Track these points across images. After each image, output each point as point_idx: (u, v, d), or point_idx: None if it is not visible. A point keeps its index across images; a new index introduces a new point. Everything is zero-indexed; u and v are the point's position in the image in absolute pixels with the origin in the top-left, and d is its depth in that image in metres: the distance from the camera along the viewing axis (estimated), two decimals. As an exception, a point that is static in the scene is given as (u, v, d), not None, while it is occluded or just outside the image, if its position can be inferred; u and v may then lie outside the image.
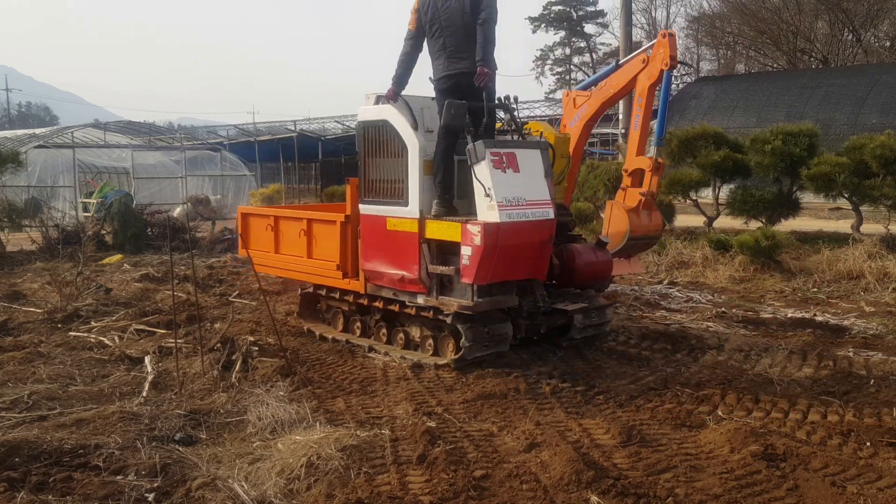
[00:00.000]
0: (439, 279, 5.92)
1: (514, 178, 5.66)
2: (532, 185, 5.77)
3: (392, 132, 6.13)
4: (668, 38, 7.29)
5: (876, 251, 10.44)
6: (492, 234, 5.42)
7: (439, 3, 5.91)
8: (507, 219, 5.48)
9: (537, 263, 5.95)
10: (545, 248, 5.92)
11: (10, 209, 14.69)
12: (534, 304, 6.14)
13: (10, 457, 4.09)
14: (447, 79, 5.98)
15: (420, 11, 6.06)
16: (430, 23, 5.99)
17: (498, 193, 5.48)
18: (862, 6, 34.26)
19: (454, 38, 5.88)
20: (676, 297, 9.52)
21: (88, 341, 6.96)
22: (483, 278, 5.56)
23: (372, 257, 6.39)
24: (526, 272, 5.93)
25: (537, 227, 5.74)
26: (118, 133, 28.40)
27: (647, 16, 48.50)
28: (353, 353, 6.54)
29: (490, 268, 5.53)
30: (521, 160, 5.78)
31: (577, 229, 12.91)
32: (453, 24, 5.86)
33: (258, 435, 4.54)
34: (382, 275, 6.30)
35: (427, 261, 5.93)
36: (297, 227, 7.23)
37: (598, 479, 3.76)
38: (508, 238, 5.51)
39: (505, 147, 5.75)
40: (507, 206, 5.51)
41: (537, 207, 5.74)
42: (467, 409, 5.03)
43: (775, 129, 12.47)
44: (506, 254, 5.57)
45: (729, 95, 28.16)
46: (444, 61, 5.97)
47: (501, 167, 5.60)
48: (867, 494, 3.67)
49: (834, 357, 6.21)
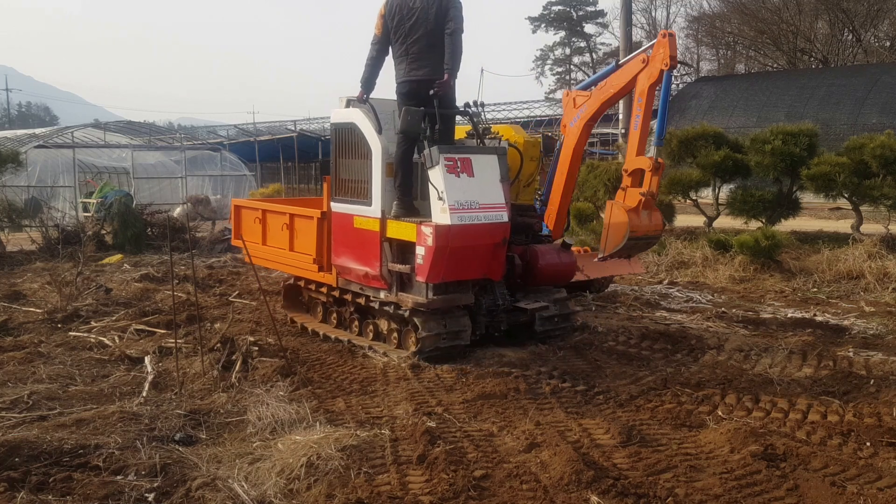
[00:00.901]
0: (399, 276, 6.20)
1: (467, 183, 5.88)
2: (486, 189, 5.98)
3: (359, 135, 6.38)
4: (667, 38, 7.28)
5: (876, 251, 10.44)
6: (443, 235, 5.66)
7: (405, 10, 6.08)
8: (459, 221, 5.72)
9: (491, 264, 6.16)
10: (499, 250, 6.12)
11: (10, 209, 14.68)
12: (494, 302, 6.43)
13: (10, 457, 4.09)
14: (407, 84, 6.17)
15: (386, 17, 6.22)
16: (395, 29, 6.16)
17: (450, 197, 5.72)
18: (862, 6, 34.27)
19: (417, 45, 6.07)
20: (676, 297, 9.52)
21: (88, 341, 6.96)
22: (435, 277, 5.80)
23: (341, 253, 6.72)
24: (480, 272, 6.16)
25: (490, 230, 5.96)
26: (118, 133, 28.41)
27: (647, 16, 48.54)
28: (352, 353, 6.54)
29: (442, 267, 5.77)
30: (477, 165, 5.98)
31: (577, 229, 12.95)
32: (418, 31, 6.04)
33: (258, 435, 4.54)
34: (350, 270, 6.62)
35: (387, 259, 6.22)
36: (280, 220, 7.57)
37: (598, 479, 3.76)
38: (460, 239, 5.74)
39: (460, 152, 5.97)
40: (459, 209, 5.75)
41: (491, 211, 5.96)
42: (467, 409, 5.03)
43: (775, 129, 12.46)
44: (458, 254, 5.80)
45: (729, 95, 28.17)
46: (405, 67, 6.16)
47: (455, 172, 5.82)
48: (867, 494, 3.67)
49: (834, 357, 6.21)
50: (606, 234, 7.66)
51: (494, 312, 6.47)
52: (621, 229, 7.46)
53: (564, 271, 6.93)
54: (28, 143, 22.88)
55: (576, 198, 13.12)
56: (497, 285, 6.50)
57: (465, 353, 6.29)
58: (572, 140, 8.78)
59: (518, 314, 6.57)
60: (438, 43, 5.99)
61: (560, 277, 6.95)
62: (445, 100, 6.08)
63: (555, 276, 6.84)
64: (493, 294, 6.47)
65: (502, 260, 6.28)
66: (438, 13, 5.95)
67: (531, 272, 6.67)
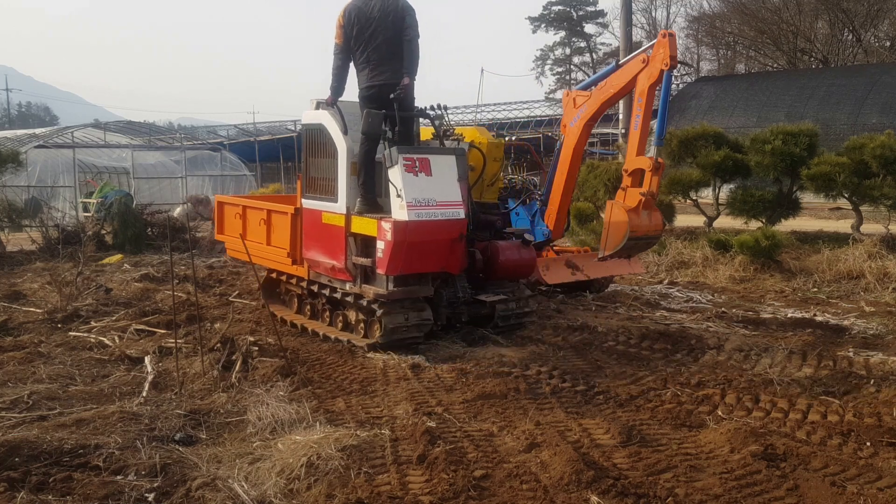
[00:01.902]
0: (363, 269, 6.55)
1: (426, 181, 6.21)
2: (444, 188, 6.32)
3: (326, 135, 6.77)
4: (668, 38, 7.28)
5: (876, 251, 10.44)
6: (401, 230, 6.01)
7: (363, 20, 6.42)
8: (416, 217, 6.06)
9: (449, 258, 6.50)
10: (456, 245, 6.45)
11: (10, 209, 14.68)
12: (454, 294, 6.80)
13: (10, 457, 4.09)
14: (369, 88, 6.53)
15: (345, 26, 6.54)
16: (355, 38, 6.50)
17: (408, 194, 6.05)
18: (862, 6, 34.27)
19: (377, 52, 6.43)
20: (676, 297, 9.52)
21: (88, 341, 6.96)
22: (394, 270, 6.16)
23: (311, 247, 7.09)
24: (438, 266, 6.50)
25: (447, 226, 6.29)
26: (118, 133, 28.43)
27: (647, 16, 48.56)
28: (352, 353, 6.54)
29: (401, 261, 6.12)
30: (435, 165, 6.32)
31: (577, 229, 12.95)
32: (377, 39, 6.40)
33: (258, 435, 4.54)
34: (319, 263, 7.00)
35: (352, 252, 6.58)
36: (258, 216, 7.91)
37: (598, 479, 3.76)
38: (417, 235, 6.08)
39: (419, 153, 6.32)
40: (417, 206, 6.09)
41: (448, 208, 6.30)
42: (467, 409, 5.02)
43: (775, 129, 12.46)
44: (415, 249, 6.15)
45: (729, 95, 28.18)
46: (367, 73, 6.52)
47: (413, 171, 6.17)
48: (867, 494, 3.67)
49: (834, 357, 6.21)
50: (606, 234, 7.66)
51: (455, 304, 6.82)
52: (621, 229, 7.46)
53: (524, 266, 7.23)
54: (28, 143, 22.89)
55: (576, 198, 13.11)
56: (458, 278, 6.83)
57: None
58: (572, 140, 8.78)
59: (479, 306, 6.92)
60: (397, 50, 6.38)
61: (520, 272, 7.26)
62: (405, 103, 6.41)
63: (515, 270, 7.15)
64: (454, 287, 6.81)
65: (460, 254, 6.59)
66: (395, 22, 6.33)
67: (492, 267, 6.97)
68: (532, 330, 7.28)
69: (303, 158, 7.22)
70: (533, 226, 9.56)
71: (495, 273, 7.01)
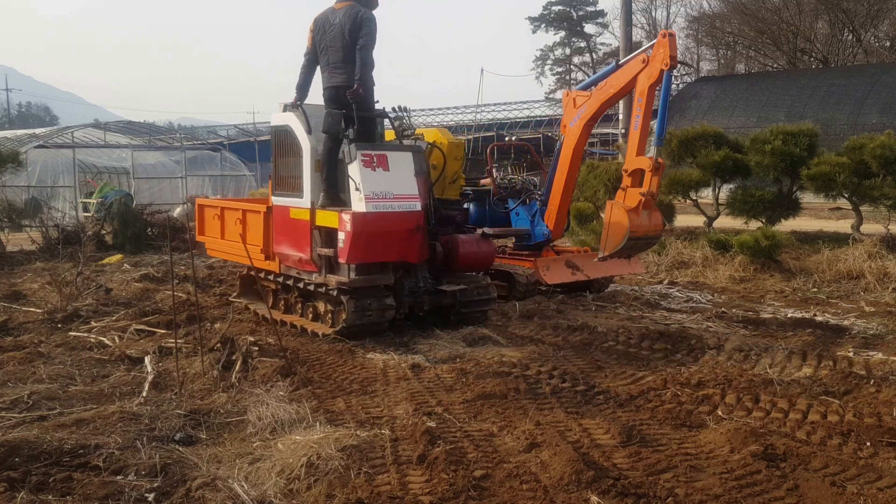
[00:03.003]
0: (327, 260, 6.95)
1: (383, 176, 6.68)
2: (401, 182, 6.79)
3: (292, 135, 7.23)
4: (668, 38, 7.28)
5: (876, 251, 10.44)
6: (359, 221, 6.47)
7: (326, 26, 6.96)
8: (374, 209, 6.53)
9: (407, 248, 6.92)
10: (413, 235, 6.89)
11: (10, 209, 14.68)
12: (416, 284, 7.24)
13: (10, 457, 4.09)
14: (328, 90, 7.04)
15: (314, 32, 7.10)
16: (319, 42, 7.03)
17: (366, 188, 6.52)
18: (862, 6, 34.27)
19: (334, 56, 6.91)
20: (676, 297, 9.52)
21: (88, 341, 6.96)
22: (354, 258, 6.58)
23: (281, 242, 7.52)
24: (396, 255, 6.92)
25: (403, 218, 6.76)
26: (118, 133, 28.42)
27: (647, 16, 48.55)
28: (352, 353, 6.54)
29: (360, 250, 6.55)
30: (392, 161, 6.81)
31: (577, 229, 12.95)
32: (334, 44, 6.89)
33: (258, 435, 4.54)
34: (288, 256, 7.42)
35: (317, 244, 7.00)
36: (235, 216, 8.34)
37: (598, 479, 3.76)
38: (375, 225, 6.55)
39: (377, 149, 6.80)
40: (374, 198, 6.55)
41: (404, 201, 6.77)
42: (467, 409, 5.02)
43: (775, 129, 12.45)
44: (374, 238, 6.59)
45: (729, 95, 28.18)
46: (327, 75, 7.02)
47: (371, 166, 6.65)
48: (867, 494, 3.67)
49: (834, 357, 6.21)
50: (606, 235, 7.67)
51: (417, 294, 7.25)
52: (621, 229, 7.46)
53: (484, 258, 7.70)
54: (28, 143, 22.89)
55: (576, 198, 13.11)
56: (419, 269, 7.26)
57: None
58: (572, 140, 8.79)
59: (440, 296, 7.36)
60: (351, 55, 6.83)
61: (480, 264, 7.74)
62: (364, 104, 6.87)
63: (475, 262, 7.62)
64: (416, 277, 7.25)
65: (417, 244, 6.99)
66: (352, 29, 6.79)
67: (453, 259, 7.41)
68: (532, 330, 7.29)
69: (272, 158, 7.70)
70: (533, 226, 9.58)
71: (456, 265, 7.45)
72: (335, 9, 6.99)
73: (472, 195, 10.05)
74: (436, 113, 42.36)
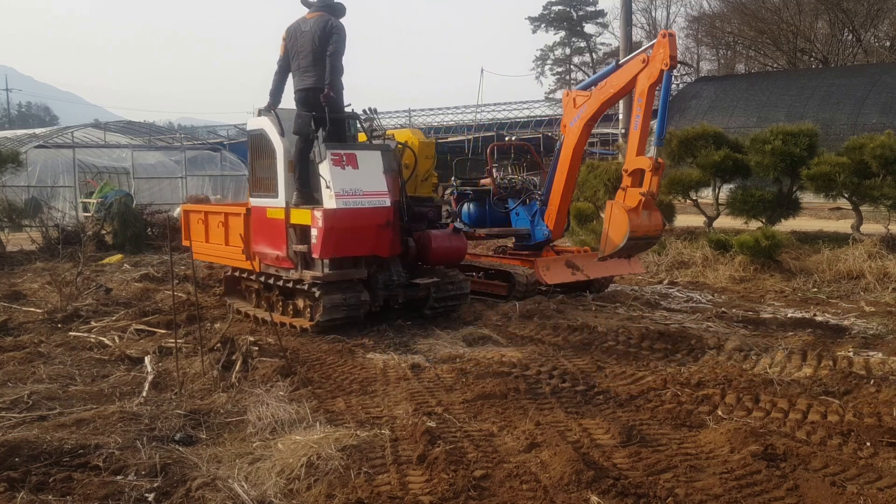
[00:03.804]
0: (302, 256, 7.20)
1: (352, 174, 6.99)
2: (370, 180, 7.11)
3: (267, 139, 7.53)
4: (667, 38, 7.28)
5: (876, 251, 10.44)
6: (330, 217, 6.75)
7: (297, 34, 7.32)
8: (344, 205, 6.83)
9: (378, 242, 7.23)
10: (383, 230, 7.20)
11: (10, 209, 14.69)
12: (389, 278, 7.54)
13: (10, 457, 4.09)
14: (298, 92, 7.38)
15: (286, 40, 7.46)
16: (290, 49, 7.41)
17: (336, 185, 6.82)
18: (862, 6, 34.27)
19: (305, 60, 7.26)
20: (676, 297, 9.52)
21: (88, 341, 6.97)
22: (327, 253, 6.87)
23: (259, 241, 7.76)
24: (368, 249, 7.22)
25: (373, 213, 7.07)
26: (118, 133, 28.40)
27: (647, 16, 48.54)
28: (352, 353, 6.54)
29: (332, 245, 6.83)
30: (361, 159, 7.10)
31: (577, 229, 12.95)
32: (304, 50, 7.25)
33: (258, 435, 4.54)
34: (266, 255, 7.67)
35: (292, 241, 7.25)
36: (217, 220, 8.58)
37: (598, 479, 3.76)
38: (345, 221, 6.85)
39: (346, 149, 7.08)
40: (344, 195, 6.86)
41: (374, 197, 7.09)
42: (467, 409, 5.02)
43: (775, 129, 12.46)
44: (345, 234, 6.87)
45: (729, 95, 28.18)
46: (297, 78, 7.37)
47: (341, 165, 6.93)
48: (867, 494, 3.67)
49: (834, 357, 6.20)
50: (606, 235, 7.67)
51: (391, 287, 7.54)
52: (621, 229, 7.47)
53: (456, 252, 8.00)
54: (28, 143, 22.87)
55: (576, 198, 13.11)
56: (392, 263, 7.58)
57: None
58: (572, 140, 8.79)
59: (414, 289, 7.66)
60: (321, 59, 7.16)
61: (452, 258, 8.03)
62: (334, 106, 7.18)
63: (447, 256, 7.92)
64: (389, 271, 7.55)
65: (388, 239, 7.30)
66: (322, 36, 7.14)
67: (426, 253, 7.73)
68: (532, 330, 7.29)
69: (249, 161, 8.07)
70: (533, 226, 9.58)
71: (429, 259, 7.77)
72: (306, 18, 7.38)
73: (472, 195, 10.06)
74: (436, 113, 42.34)
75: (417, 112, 42.05)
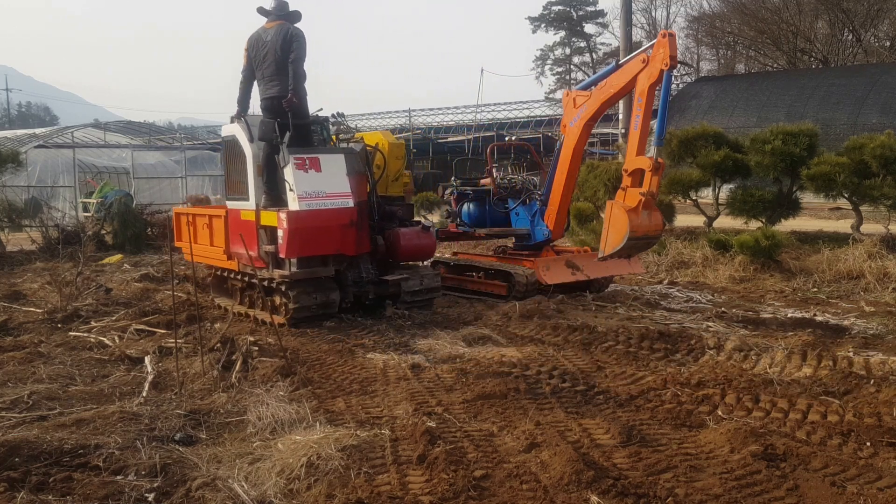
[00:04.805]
0: (273, 256, 7.50)
1: (315, 177, 7.28)
2: (333, 182, 7.40)
3: (238, 144, 7.88)
4: (667, 38, 7.28)
5: (876, 251, 10.43)
6: (293, 219, 7.07)
7: (259, 44, 7.52)
8: (307, 207, 7.15)
9: (342, 241, 7.50)
10: (347, 230, 7.48)
11: (10, 209, 14.69)
12: (358, 275, 7.83)
13: (10, 457, 4.09)
14: (264, 101, 7.62)
15: (249, 51, 7.66)
16: (254, 59, 7.61)
17: (299, 188, 7.14)
18: (862, 6, 34.27)
19: (268, 70, 7.48)
20: (676, 297, 9.52)
21: (88, 341, 6.97)
22: (292, 253, 7.18)
23: (235, 242, 8.03)
24: (333, 248, 7.49)
25: (336, 214, 7.36)
26: (118, 133, 28.42)
27: (647, 16, 48.55)
28: (352, 353, 6.54)
29: (296, 245, 7.14)
30: (324, 163, 7.39)
31: (577, 229, 12.94)
32: (267, 60, 7.46)
33: (258, 435, 4.54)
34: (241, 255, 7.88)
35: (263, 242, 7.58)
36: (203, 221, 8.89)
37: (598, 479, 3.76)
38: (309, 222, 7.15)
39: (309, 153, 7.36)
40: (307, 197, 7.17)
41: (337, 198, 7.39)
42: (467, 409, 5.02)
43: (775, 129, 12.46)
44: (309, 234, 7.17)
45: (729, 95, 28.18)
46: (262, 87, 7.61)
47: (304, 168, 7.23)
48: (867, 494, 3.67)
49: (834, 357, 6.20)
50: (606, 235, 7.67)
51: (360, 284, 7.85)
52: (621, 229, 7.46)
53: (424, 249, 8.28)
54: (28, 143, 22.89)
55: (576, 198, 13.11)
56: (362, 261, 7.87)
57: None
58: (572, 140, 8.79)
59: (384, 286, 7.93)
60: (283, 69, 7.36)
61: (421, 254, 8.34)
62: (297, 112, 7.40)
63: (416, 253, 8.21)
64: (359, 268, 7.84)
65: (353, 238, 7.56)
66: (283, 45, 7.33)
67: (395, 251, 8.01)
68: (532, 330, 7.29)
69: (224, 166, 8.40)
70: (533, 226, 9.58)
71: (398, 256, 8.05)
72: (266, 28, 7.56)
73: (472, 195, 10.06)
74: (436, 113, 42.35)
75: (417, 112, 42.07)
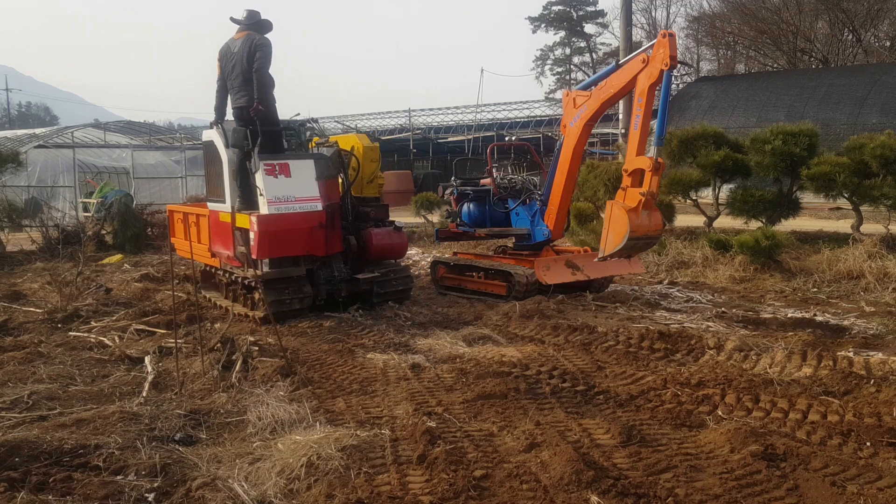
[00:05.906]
0: (246, 255, 7.76)
1: (285, 182, 7.63)
2: (302, 186, 7.73)
3: (215, 149, 8.19)
4: (667, 38, 7.28)
5: (876, 251, 10.43)
6: (263, 222, 7.44)
7: (228, 55, 7.82)
8: (276, 211, 7.51)
9: (312, 243, 7.83)
10: (316, 232, 7.79)
11: (10, 209, 14.69)
12: (331, 273, 8.12)
13: (10, 457, 4.09)
14: (235, 110, 7.95)
15: (220, 61, 7.97)
16: (225, 69, 7.89)
17: (269, 193, 7.49)
18: (862, 6, 34.25)
19: (237, 81, 7.76)
20: (676, 297, 9.52)
21: (88, 341, 6.97)
22: (262, 254, 7.56)
23: (215, 242, 8.44)
24: (303, 249, 7.83)
25: (305, 217, 7.70)
26: (118, 133, 28.41)
27: (647, 16, 48.48)
28: (352, 353, 6.54)
29: (266, 246, 7.51)
30: (294, 168, 7.73)
31: (577, 229, 12.94)
32: (235, 70, 7.73)
33: (258, 435, 4.54)
34: (221, 254, 8.33)
35: (238, 243, 7.86)
36: (192, 219, 9.24)
37: (598, 479, 3.76)
38: (278, 225, 7.52)
39: (279, 159, 7.69)
40: (277, 202, 7.53)
41: (306, 202, 7.73)
42: (467, 409, 5.02)
43: (775, 129, 12.45)
44: (278, 237, 7.54)
45: (729, 95, 28.15)
46: (233, 97, 7.90)
47: (274, 174, 7.59)
48: (867, 494, 3.67)
49: (834, 357, 6.20)
50: (606, 235, 7.66)
51: (333, 282, 8.15)
52: (621, 230, 7.46)
53: (396, 248, 8.68)
54: (28, 143, 22.87)
55: (576, 198, 13.10)
56: (334, 260, 8.17)
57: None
58: (572, 140, 8.79)
59: (356, 284, 8.24)
60: (250, 79, 7.65)
61: (392, 253, 8.70)
62: (266, 119, 7.71)
63: (387, 252, 8.58)
64: (331, 267, 8.14)
65: (322, 239, 7.88)
66: (248, 56, 7.62)
67: (367, 250, 8.38)
68: (532, 330, 7.29)
69: (205, 170, 8.78)
70: (533, 226, 9.58)
71: (370, 255, 8.41)
72: (235, 39, 7.83)
73: (472, 195, 10.05)
74: (436, 113, 42.35)
75: (417, 112, 42.06)
